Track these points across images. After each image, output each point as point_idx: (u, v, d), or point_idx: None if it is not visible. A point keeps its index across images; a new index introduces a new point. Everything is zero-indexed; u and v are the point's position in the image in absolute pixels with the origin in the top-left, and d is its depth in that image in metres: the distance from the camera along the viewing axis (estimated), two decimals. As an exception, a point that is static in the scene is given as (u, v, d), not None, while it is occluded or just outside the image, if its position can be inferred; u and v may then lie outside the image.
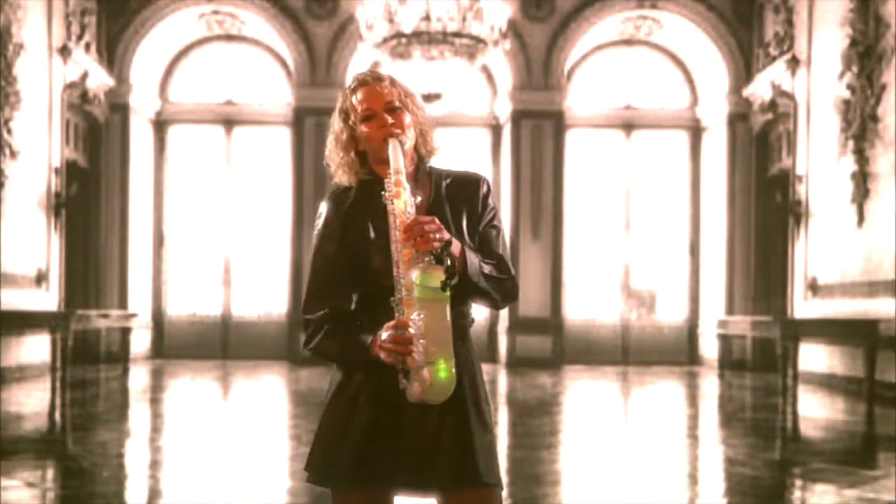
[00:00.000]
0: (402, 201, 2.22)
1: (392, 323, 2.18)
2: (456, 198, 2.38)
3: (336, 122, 2.38)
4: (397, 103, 2.34)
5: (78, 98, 13.62)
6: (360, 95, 2.35)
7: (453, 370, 2.20)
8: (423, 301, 2.16)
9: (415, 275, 2.17)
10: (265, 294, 15.77)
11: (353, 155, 2.36)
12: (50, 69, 12.79)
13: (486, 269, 2.28)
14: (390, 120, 2.31)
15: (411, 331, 2.16)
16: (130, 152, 14.95)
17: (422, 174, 2.39)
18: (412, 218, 2.20)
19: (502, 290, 2.33)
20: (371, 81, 2.35)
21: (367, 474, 2.26)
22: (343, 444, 2.27)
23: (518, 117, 15.11)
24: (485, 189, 2.40)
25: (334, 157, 2.39)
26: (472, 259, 2.25)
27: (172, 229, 15.88)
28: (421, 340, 2.17)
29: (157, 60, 15.49)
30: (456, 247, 2.22)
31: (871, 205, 11.14)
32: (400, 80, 2.41)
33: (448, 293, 2.16)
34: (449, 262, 2.16)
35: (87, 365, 12.81)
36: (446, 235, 2.18)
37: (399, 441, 2.27)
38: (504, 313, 15.18)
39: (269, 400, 10.79)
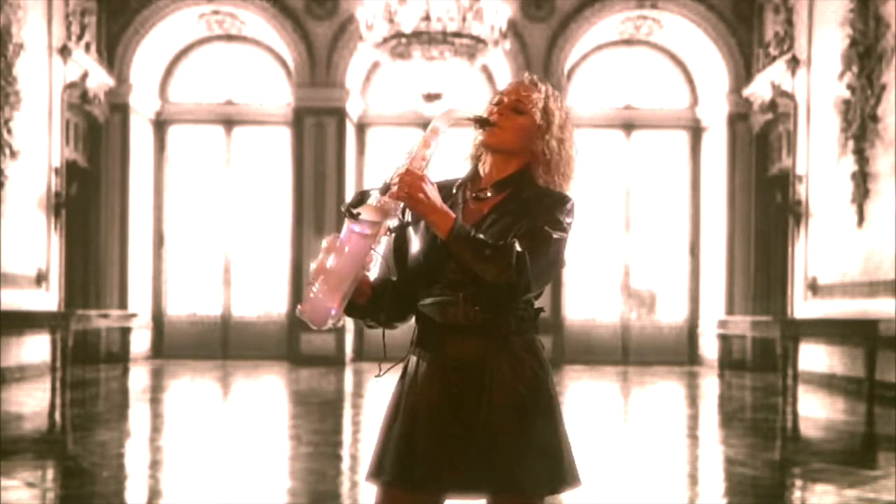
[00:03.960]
0: (421, 152, 2.24)
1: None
2: (526, 206, 2.34)
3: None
4: (525, 107, 2.36)
5: (78, 98, 13.62)
6: (510, 85, 2.42)
7: (331, 302, 2.20)
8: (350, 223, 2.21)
9: (371, 198, 2.21)
10: (265, 294, 15.77)
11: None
12: (50, 69, 12.79)
13: (478, 245, 2.20)
14: (504, 112, 2.35)
15: (325, 244, 2.23)
16: (130, 152, 14.95)
17: (509, 182, 2.38)
18: (415, 168, 2.21)
19: (492, 273, 2.20)
20: (525, 79, 2.41)
21: (404, 475, 2.28)
22: (387, 444, 2.32)
23: (518, 117, 15.07)
24: (557, 203, 2.36)
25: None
26: (462, 235, 2.20)
27: (172, 229, 15.87)
28: (327, 257, 2.21)
29: (157, 60, 15.49)
30: (439, 213, 2.19)
31: (871, 205, 11.14)
32: (562, 103, 2.42)
33: (358, 232, 2.19)
34: (360, 197, 2.18)
35: (87, 365, 12.81)
36: (411, 199, 2.17)
37: (432, 445, 2.27)
38: (504, 313, 15.15)
39: (269, 400, 10.79)
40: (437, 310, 2.32)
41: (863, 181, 11.25)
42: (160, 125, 15.81)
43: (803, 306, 12.71)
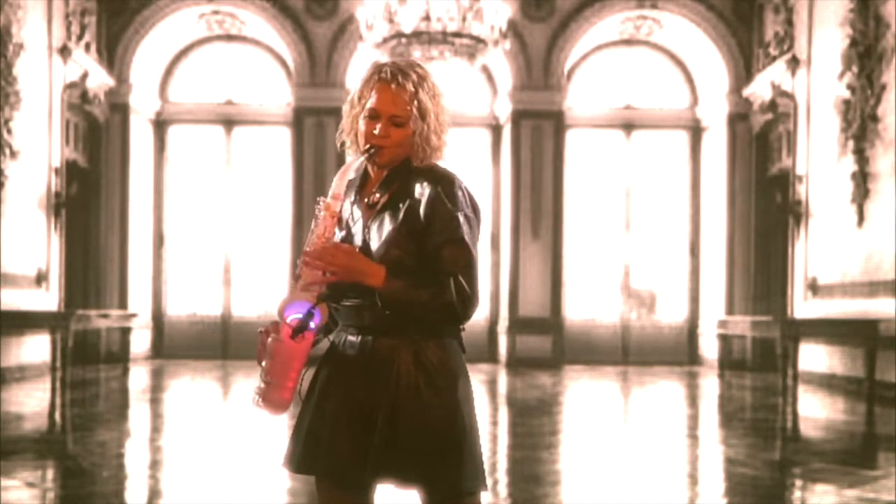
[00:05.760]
0: (324, 226, 2.30)
1: (268, 326, 2.39)
2: (416, 199, 2.34)
3: (355, 95, 2.42)
4: (402, 119, 2.34)
5: (78, 98, 13.62)
6: (376, 91, 2.36)
7: (279, 400, 2.30)
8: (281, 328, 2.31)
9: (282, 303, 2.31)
10: (265, 294, 15.77)
11: (354, 133, 2.43)
12: (50, 69, 12.79)
13: (412, 294, 2.25)
14: (386, 132, 2.34)
15: (269, 342, 2.31)
16: (130, 152, 14.95)
17: (393, 176, 2.39)
18: (329, 245, 2.27)
19: (434, 314, 2.28)
20: (393, 86, 2.34)
21: (308, 466, 2.39)
22: (298, 435, 2.43)
23: (518, 117, 15.11)
24: (443, 194, 2.32)
25: (344, 121, 2.46)
26: (395, 287, 2.25)
27: (172, 229, 15.87)
28: (267, 360, 2.32)
29: (157, 60, 15.49)
30: (370, 275, 2.24)
31: (871, 205, 11.14)
32: (428, 83, 2.38)
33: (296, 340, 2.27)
34: (307, 322, 2.25)
35: (87, 365, 12.81)
36: (340, 275, 2.23)
37: (335, 442, 2.33)
38: (504, 313, 15.19)
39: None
40: (350, 313, 2.38)
41: (863, 181, 11.25)
42: (160, 125, 15.81)
43: (803, 306, 12.71)
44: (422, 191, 2.34)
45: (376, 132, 2.35)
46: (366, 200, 2.42)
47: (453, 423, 2.31)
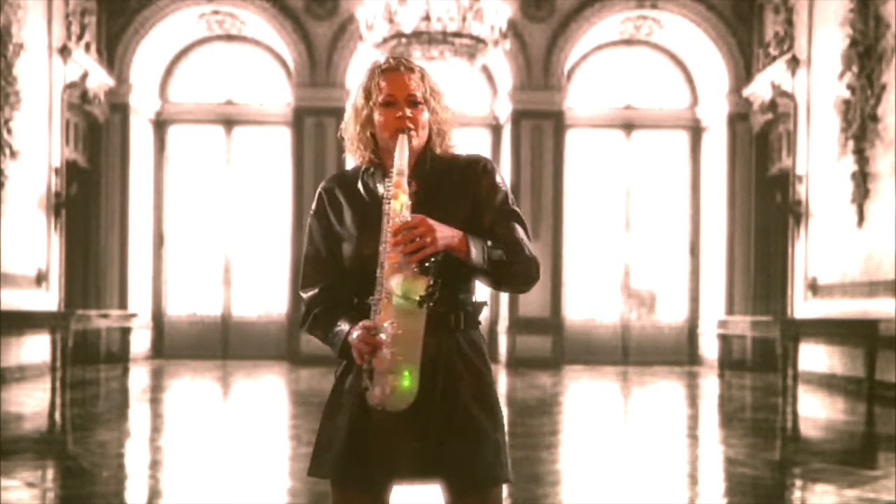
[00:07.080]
0: (399, 203, 2.20)
1: (364, 323, 2.20)
2: (456, 183, 2.34)
3: (358, 97, 2.36)
4: (419, 98, 2.33)
5: (78, 98, 13.62)
6: (386, 79, 2.33)
7: (416, 381, 2.18)
8: (399, 309, 2.15)
9: (395, 282, 2.14)
10: (265, 294, 15.77)
11: (368, 134, 2.36)
12: (50, 69, 12.79)
13: (495, 255, 2.25)
14: (408, 113, 2.31)
15: (382, 336, 2.16)
16: (130, 152, 14.95)
17: (421, 164, 2.36)
18: (404, 221, 2.17)
19: (513, 274, 2.29)
20: (402, 69, 2.33)
21: (349, 470, 2.29)
22: (331, 440, 2.32)
23: (518, 117, 15.11)
24: (487, 171, 2.35)
25: (350, 130, 2.38)
26: (476, 246, 2.23)
27: (172, 229, 15.87)
28: (390, 348, 2.15)
29: (157, 60, 15.49)
30: (455, 236, 2.19)
31: (871, 205, 11.14)
32: (432, 76, 2.39)
33: (424, 308, 2.13)
34: (433, 281, 2.12)
35: (87, 365, 12.81)
36: (439, 244, 2.15)
37: (378, 439, 2.26)
38: (504, 313, 15.19)
39: (269, 400, 10.80)
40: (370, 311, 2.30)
41: (863, 181, 11.25)
42: (160, 125, 15.81)
43: (803, 306, 12.71)
44: (459, 174, 2.34)
45: (399, 116, 2.31)
46: (414, 190, 2.35)
47: (499, 420, 2.34)
